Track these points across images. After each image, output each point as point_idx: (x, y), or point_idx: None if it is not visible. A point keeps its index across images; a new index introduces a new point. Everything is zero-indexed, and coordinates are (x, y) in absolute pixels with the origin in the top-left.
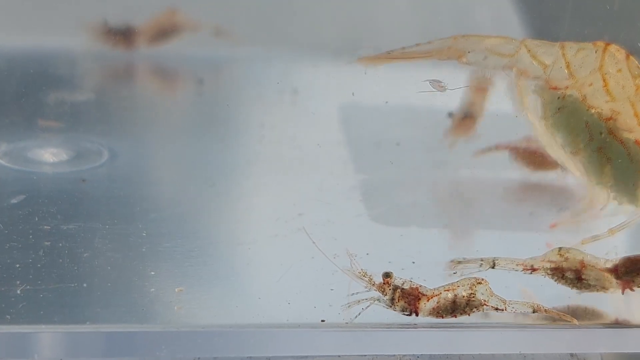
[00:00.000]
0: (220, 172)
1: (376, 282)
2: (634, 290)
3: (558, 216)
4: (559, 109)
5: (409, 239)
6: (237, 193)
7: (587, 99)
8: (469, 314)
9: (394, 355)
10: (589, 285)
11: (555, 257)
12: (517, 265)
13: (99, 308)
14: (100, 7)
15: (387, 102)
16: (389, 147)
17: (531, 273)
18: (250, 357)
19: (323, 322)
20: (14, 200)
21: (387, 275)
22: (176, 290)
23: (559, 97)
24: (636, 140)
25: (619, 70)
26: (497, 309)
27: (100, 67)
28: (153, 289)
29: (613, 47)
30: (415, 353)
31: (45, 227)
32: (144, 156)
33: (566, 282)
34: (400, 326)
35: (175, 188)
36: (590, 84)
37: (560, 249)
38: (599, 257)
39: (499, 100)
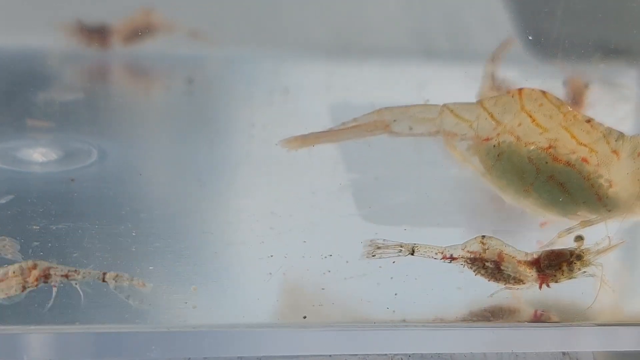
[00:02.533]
0: (210, 172)
1: None
2: (549, 287)
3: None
4: (498, 155)
5: (401, 239)
6: (227, 193)
7: (522, 138)
8: None
9: (385, 354)
10: (508, 277)
11: (476, 247)
12: (436, 253)
13: (89, 308)
14: (79, 6)
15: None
16: (380, 147)
17: (450, 262)
18: (241, 357)
19: (315, 322)
20: (2, 200)
21: None
22: (192, 288)
23: (494, 146)
24: (582, 158)
25: (541, 105)
26: None
27: (90, 66)
28: (143, 289)
29: (527, 89)
30: (406, 352)
31: (34, 227)
32: (133, 156)
33: (486, 272)
34: (392, 325)
35: (165, 188)
36: (519, 124)
37: (483, 237)
38: (519, 249)
39: None
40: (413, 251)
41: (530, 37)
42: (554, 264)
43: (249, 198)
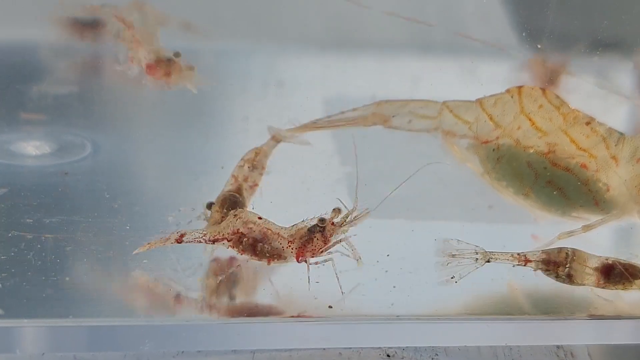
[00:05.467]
0: (204, 165)
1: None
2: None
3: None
4: (497, 159)
5: (396, 232)
6: (221, 186)
7: (521, 142)
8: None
9: (380, 347)
10: (575, 280)
11: (557, 257)
12: (511, 257)
13: (82, 302)
14: None
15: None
16: (375, 139)
17: (525, 265)
18: (235, 351)
19: (310, 317)
20: None
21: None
22: (198, 280)
23: (493, 149)
24: (581, 164)
25: (540, 106)
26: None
27: (84, 59)
28: (137, 283)
29: (526, 88)
30: (400, 345)
31: (27, 220)
32: (127, 149)
33: (557, 278)
34: (385, 318)
35: (159, 181)
36: (519, 127)
37: (567, 251)
38: (590, 253)
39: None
40: (489, 259)
41: (524, 34)
42: (624, 279)
43: None
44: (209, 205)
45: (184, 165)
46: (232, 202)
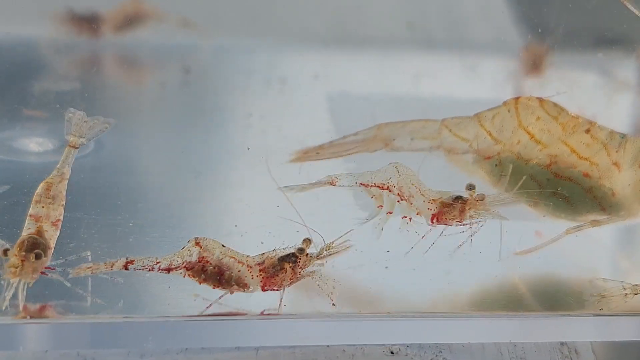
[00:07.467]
0: (206, 162)
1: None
2: None
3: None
4: (501, 174)
5: (396, 229)
6: (224, 183)
7: (522, 155)
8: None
9: (383, 344)
10: None
11: None
12: None
13: (85, 299)
14: None
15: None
16: None
17: None
18: (238, 348)
19: (311, 312)
20: None
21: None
22: (193, 295)
23: (496, 165)
24: (584, 173)
25: (538, 118)
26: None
27: (86, 56)
28: (140, 279)
29: (523, 99)
30: (404, 342)
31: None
32: (129, 146)
33: None
34: (390, 315)
35: (162, 178)
36: (518, 142)
37: None
38: None
39: (488, 89)
40: (637, 293)
41: (529, 36)
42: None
43: (245, 188)
44: (5, 252)
45: (187, 162)
46: (32, 244)
